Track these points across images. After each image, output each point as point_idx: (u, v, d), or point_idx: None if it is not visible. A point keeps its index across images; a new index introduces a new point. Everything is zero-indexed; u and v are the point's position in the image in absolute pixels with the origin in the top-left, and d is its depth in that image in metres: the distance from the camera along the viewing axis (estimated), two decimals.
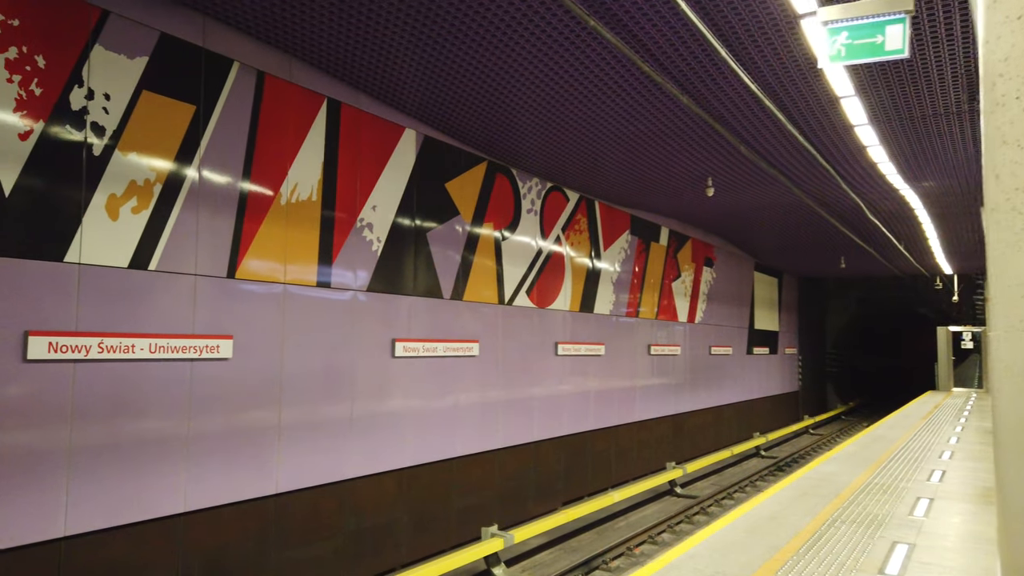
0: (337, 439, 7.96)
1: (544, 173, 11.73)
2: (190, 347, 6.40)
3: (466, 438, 10.01)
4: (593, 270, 13.42)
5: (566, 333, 12.49)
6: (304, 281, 7.61)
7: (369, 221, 8.47)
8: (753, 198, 13.93)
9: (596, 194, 13.41)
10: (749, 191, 13.26)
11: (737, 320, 21.10)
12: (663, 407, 16.14)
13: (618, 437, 14.15)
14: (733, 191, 13.28)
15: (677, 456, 16.72)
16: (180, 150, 6.46)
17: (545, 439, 11.84)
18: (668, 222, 16.73)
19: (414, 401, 9.08)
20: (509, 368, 10.97)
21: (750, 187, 12.91)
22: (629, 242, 14.86)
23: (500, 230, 10.87)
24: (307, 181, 7.70)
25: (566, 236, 12.61)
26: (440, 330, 9.57)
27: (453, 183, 9.92)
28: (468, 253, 10.14)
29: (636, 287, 15.08)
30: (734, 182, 12.48)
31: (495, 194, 10.80)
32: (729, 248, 20.62)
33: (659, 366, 16.02)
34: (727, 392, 20.08)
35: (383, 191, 8.70)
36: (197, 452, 6.50)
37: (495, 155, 10.68)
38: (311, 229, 7.71)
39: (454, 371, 9.81)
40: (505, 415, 10.85)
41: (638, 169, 11.60)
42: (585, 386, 13.04)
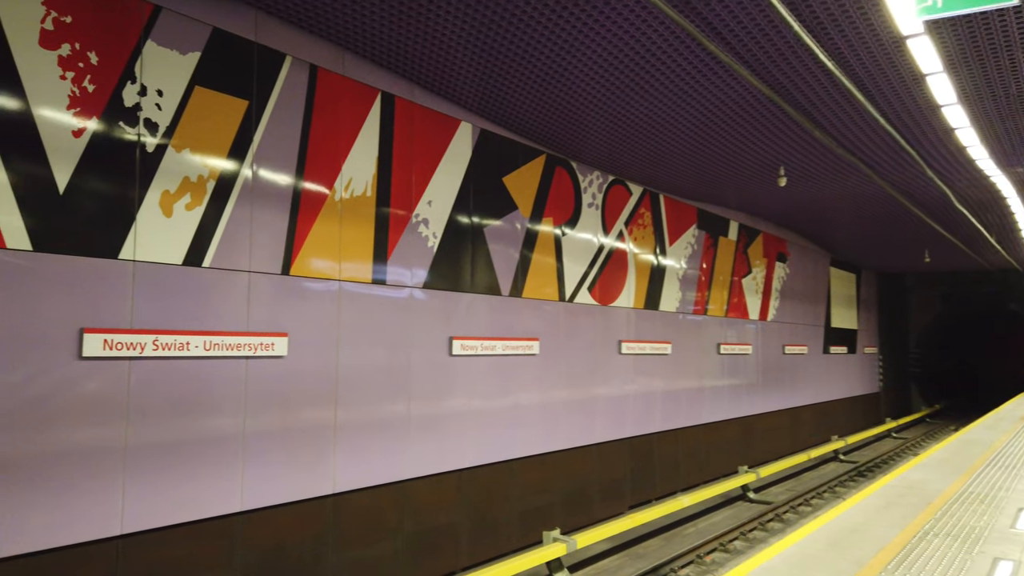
0: (395, 439, 7.80)
1: (606, 166, 11.36)
2: (245, 344, 6.34)
3: (527, 439, 9.74)
4: (658, 266, 12.96)
5: (630, 331, 12.08)
6: (359, 278, 7.48)
7: (424, 217, 8.29)
8: (829, 188, 13.19)
9: (661, 187, 12.95)
10: (824, 181, 12.55)
11: (812, 318, 20.17)
12: (734, 408, 15.50)
13: (686, 439, 13.63)
14: (807, 181, 12.60)
15: (749, 459, 16.04)
16: (233, 146, 6.41)
17: (609, 440, 11.46)
18: (737, 216, 16.08)
19: (473, 400, 8.86)
20: (571, 367, 10.64)
21: (825, 176, 12.22)
22: (696, 237, 14.31)
23: (560, 225, 10.56)
24: (361, 177, 7.57)
25: (629, 231, 12.20)
26: (499, 328, 9.33)
27: (511, 177, 9.67)
28: (527, 249, 9.87)
29: (704, 284, 14.51)
30: (808, 171, 11.82)
31: (554, 188, 10.49)
32: (802, 242, 19.72)
33: (729, 366, 15.39)
34: (802, 393, 19.20)
35: (438, 186, 8.52)
36: (253, 451, 6.43)
37: (554, 148, 10.38)
38: (366, 225, 7.58)
39: (514, 370, 9.55)
40: (567, 415, 10.53)
41: (705, 159, 11.10)
42: (651, 386, 12.59)
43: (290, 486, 6.73)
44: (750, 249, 16.63)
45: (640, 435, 12.27)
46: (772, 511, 12.43)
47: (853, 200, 14.28)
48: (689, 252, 14.03)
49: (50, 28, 5.21)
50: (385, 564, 7.65)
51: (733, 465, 15.24)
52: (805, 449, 18.52)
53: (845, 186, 12.92)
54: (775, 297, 17.86)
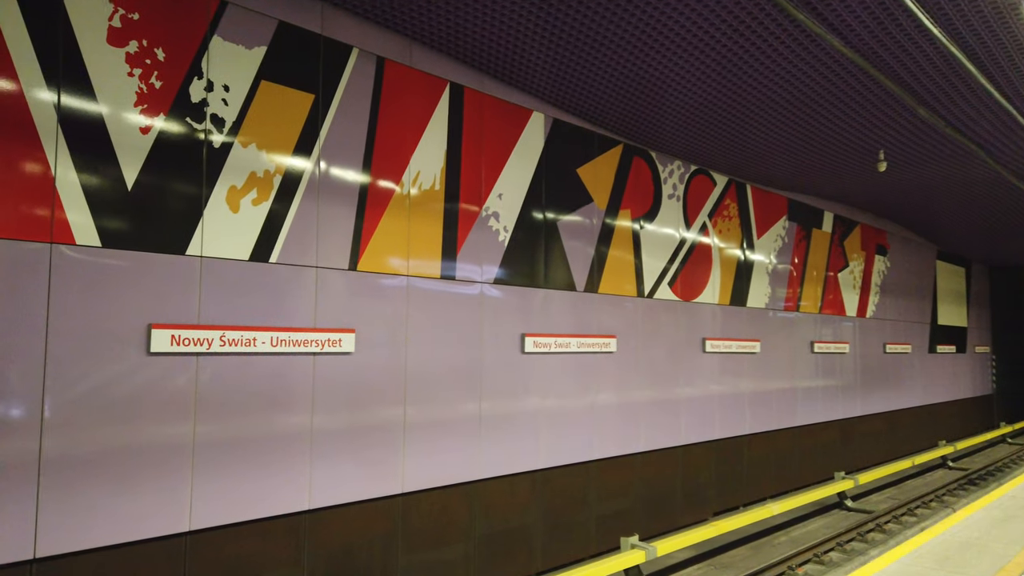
0: (465, 438, 7.60)
1: (687, 154, 10.82)
2: (312, 340, 6.26)
3: (604, 440, 9.36)
4: (745, 260, 12.29)
5: (715, 329, 11.48)
6: (427, 274, 7.31)
7: (495, 210, 8.06)
8: (934, 173, 12.17)
9: (747, 176, 12.27)
10: (929, 165, 11.57)
11: (917, 314, 18.81)
12: (830, 411, 14.58)
13: (777, 442, 12.89)
14: (909, 166, 11.65)
15: (846, 465, 15.07)
16: (299, 140, 6.34)
17: (693, 443, 10.92)
18: (832, 206, 15.12)
19: (547, 400, 8.56)
20: (651, 366, 10.18)
21: (930, 160, 11.25)
22: (786, 229, 13.52)
23: (638, 218, 10.11)
24: (429, 170, 7.40)
25: (713, 223, 11.60)
26: (573, 325, 9.00)
27: (585, 168, 9.31)
28: (603, 242, 9.48)
29: (796, 278, 13.70)
30: (910, 154, 10.91)
31: (632, 179, 10.06)
32: (905, 234, 18.41)
33: (824, 365, 14.49)
34: (905, 395, 17.93)
35: (509, 178, 8.26)
36: (321, 448, 6.35)
37: (631, 137, 9.94)
38: (434, 220, 7.41)
39: (590, 368, 9.19)
40: (647, 416, 10.08)
41: (796, 145, 10.41)
42: (738, 386, 11.95)
43: (358, 485, 6.62)
44: (846, 242, 15.62)
45: (728, 437, 11.65)
46: (872, 520, 11.57)
47: (962, 186, 13.15)
48: (779, 245, 13.26)
49: (117, 25, 5.24)
50: (456, 567, 7.46)
51: (829, 471, 14.35)
52: (908, 455, 17.31)
53: (952, 170, 11.88)
54: (875, 293, 16.73)
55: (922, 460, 15.57)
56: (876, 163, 10.22)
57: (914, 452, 18.03)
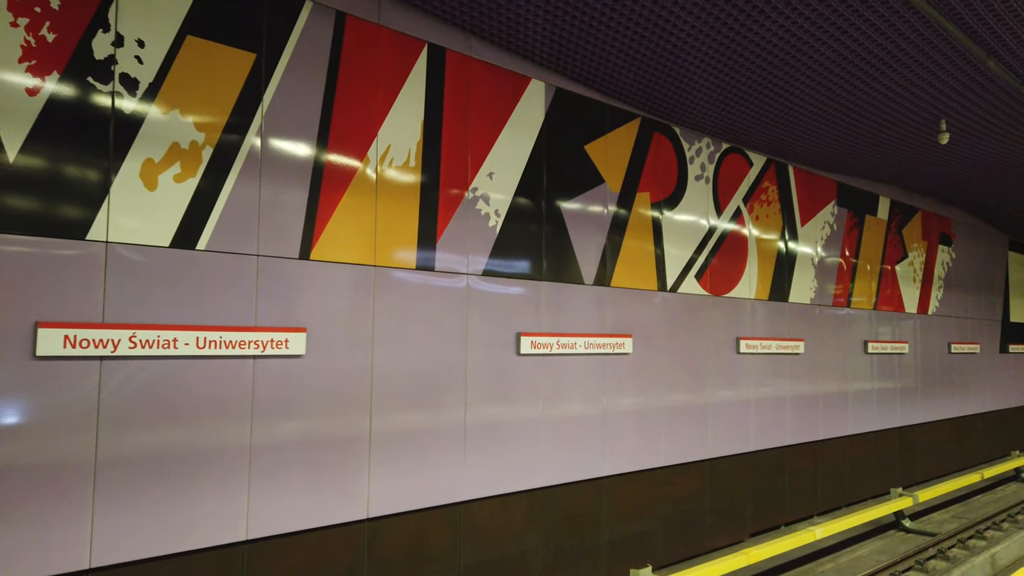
0: (447, 452, 6.59)
1: (718, 130, 9.59)
2: (251, 342, 5.33)
3: (619, 453, 8.23)
4: (786, 250, 10.97)
5: (751, 327, 10.22)
6: (400, 263, 6.32)
7: (484, 192, 7.02)
8: (1006, 147, 10.64)
9: (789, 156, 10.94)
10: (1002, 136, 10.07)
11: (986, 311, 17.05)
12: (886, 418, 13.11)
13: (825, 454, 11.53)
14: (977, 139, 10.17)
15: (905, 479, 13.56)
16: (237, 107, 5.41)
17: (725, 456, 9.70)
18: (888, 190, 13.61)
19: (548, 408, 7.49)
20: (674, 368, 9.01)
21: (1003, 129, 9.76)
22: (835, 215, 12.12)
23: (659, 202, 8.94)
24: (402, 144, 6.40)
25: (749, 208, 10.33)
26: (581, 323, 7.90)
27: (595, 145, 8.19)
28: (616, 229, 8.35)
29: (846, 271, 12.28)
30: (978, 123, 9.46)
31: (652, 158, 8.89)
32: (972, 222, 16.68)
33: (879, 367, 13.02)
34: (973, 399, 16.23)
35: (502, 155, 7.21)
36: (262, 468, 5.42)
37: (651, 110, 8.78)
38: (408, 201, 6.41)
39: (601, 372, 8.08)
40: (669, 426, 8.91)
41: (845, 116, 9.08)
42: (779, 391, 10.65)
43: (311, 510, 5.67)
44: (905, 230, 14.07)
45: (766, 449, 10.38)
46: (934, 545, 10.15)
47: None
48: (827, 234, 11.88)
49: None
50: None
51: (885, 485, 12.89)
52: (976, 466, 15.65)
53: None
54: (938, 287, 15.11)
55: (993, 473, 13.93)
56: (938, 134, 8.83)
57: (983, 463, 16.33)
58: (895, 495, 11.07)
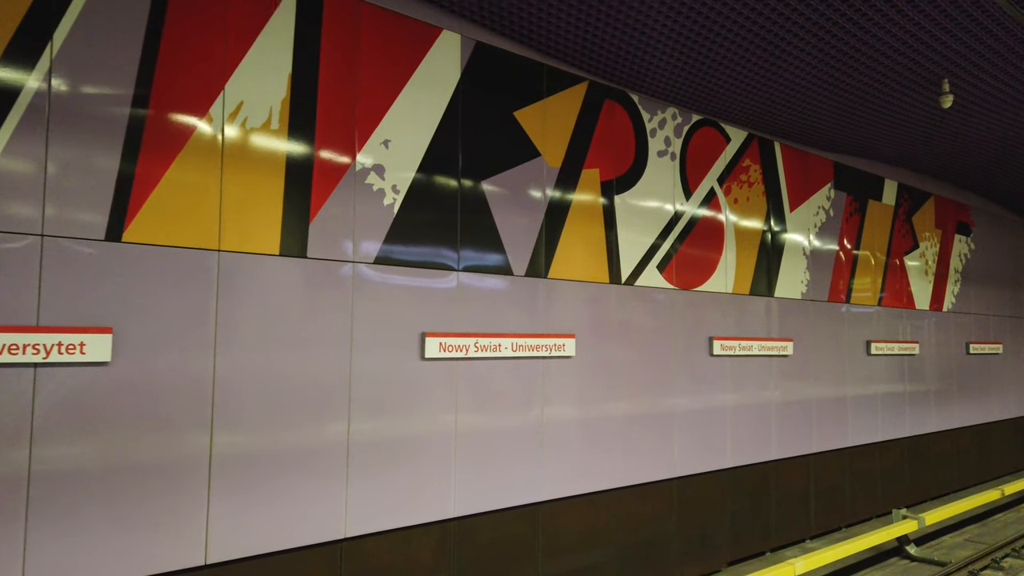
0: (325, 476, 5.41)
1: (686, 99, 8.30)
2: (27, 345, 4.19)
3: (559, 474, 7.00)
4: (772, 238, 9.64)
5: (727, 325, 8.91)
6: (256, 248, 5.15)
7: (377, 163, 5.83)
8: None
9: (775, 131, 9.61)
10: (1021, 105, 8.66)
11: (1010, 307, 15.50)
12: (893, 426, 11.70)
13: (820, 469, 10.18)
14: (998, 109, 8.76)
15: (916, 495, 12.13)
16: (13, 43, 4.28)
17: (696, 473, 8.41)
18: (895, 172, 12.19)
19: (465, 422, 6.29)
20: (631, 373, 7.75)
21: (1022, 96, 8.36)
22: (831, 200, 10.75)
23: (611, 180, 7.69)
24: (261, 101, 5.23)
25: (725, 190, 9.02)
26: (508, 321, 6.68)
27: (529, 112, 6.96)
28: (556, 211, 7.12)
29: (844, 263, 10.91)
30: (994, 86, 8.07)
31: (602, 129, 7.64)
32: (994, 209, 15.15)
33: (885, 370, 11.62)
34: (996, 405, 14.71)
35: (403, 120, 6.02)
36: (44, 501, 4.27)
37: (601, 73, 7.53)
38: (270, 172, 5.24)
39: (534, 378, 6.86)
40: (626, 440, 7.65)
41: (840, 82, 7.75)
42: (763, 398, 9.33)
43: (122, 558, 4.52)
44: (915, 217, 12.63)
45: (747, 465, 9.07)
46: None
47: None
48: (821, 220, 10.52)
49: None
50: None
51: (893, 502, 11.49)
52: (999, 480, 14.16)
53: None
54: (954, 281, 13.63)
55: (1016, 489, 12.44)
56: (940, 96, 7.46)
57: (1007, 475, 14.81)
58: (897, 518, 9.69)
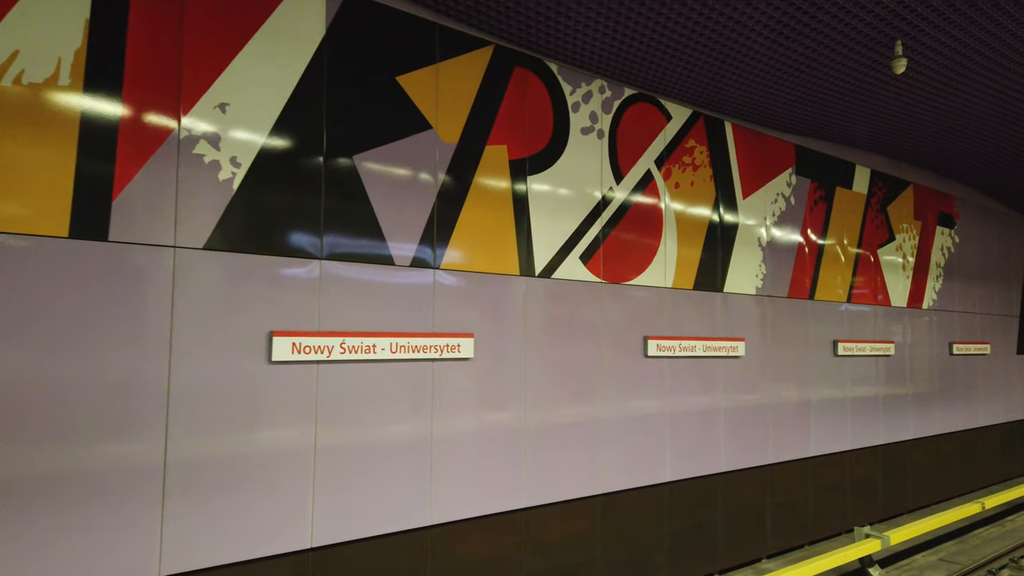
0: (131, 502, 4.55)
1: (617, 70, 7.41)
2: None
3: (453, 494, 6.12)
4: (721, 227, 8.73)
5: (664, 323, 8.01)
6: (37, 229, 4.29)
7: (210, 130, 4.96)
8: (1019, 97, 8.29)
9: (726, 109, 8.70)
10: (1009, 79, 7.73)
11: (999, 305, 14.54)
12: (864, 434, 10.77)
13: (778, 481, 9.27)
14: (983, 82, 7.83)
15: (891, 507, 11.20)
16: None
17: (627, 489, 7.52)
18: (867, 158, 11.26)
19: (329, 436, 5.42)
20: (544, 377, 6.86)
21: (1009, 69, 7.43)
22: (793, 186, 9.83)
23: (522, 159, 6.80)
24: (45, 50, 4.37)
25: (665, 174, 8.12)
26: (388, 318, 5.80)
27: (416, 78, 6.08)
28: (452, 193, 6.24)
29: (808, 255, 9.99)
30: (959, 52, 7.14)
31: (512, 101, 6.75)
32: (981, 200, 14.18)
33: (856, 372, 10.69)
34: (982, 409, 13.75)
35: (246, 81, 5.15)
36: None
37: (510, 37, 6.64)
38: (57, 134, 4.38)
39: (423, 384, 5.98)
40: (538, 453, 6.77)
41: (800, 51, 6.84)
42: (708, 403, 8.43)
43: None
44: (891, 207, 11.70)
45: (690, 478, 8.17)
46: None
47: None
48: (781, 208, 9.60)
49: None
50: None
51: (866, 516, 10.58)
52: (985, 489, 13.22)
53: None
54: (936, 277, 12.69)
55: (997, 502, 11.49)
56: (892, 62, 6.52)
57: (995, 485, 13.87)
58: (860, 535, 8.77)
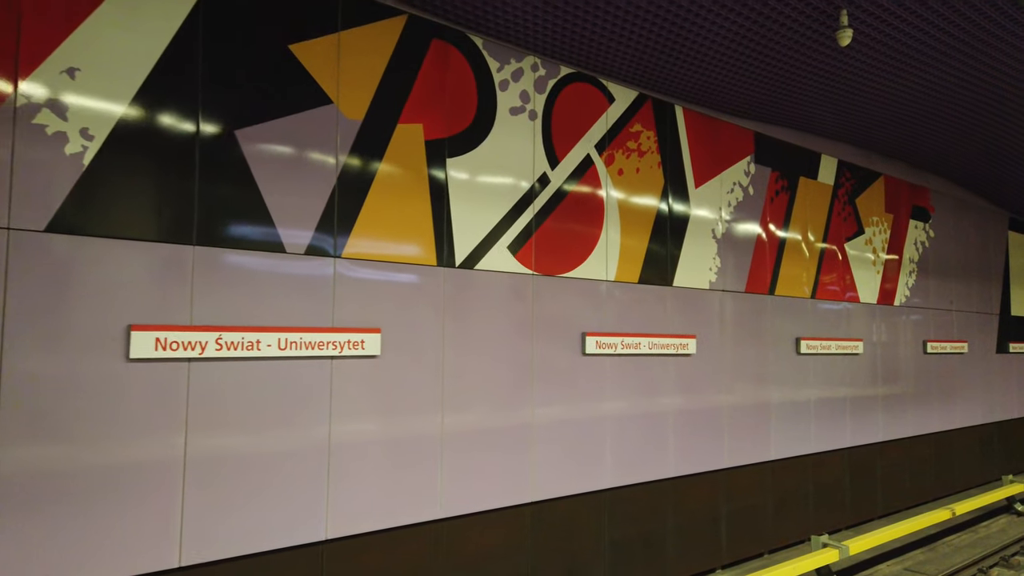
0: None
1: (551, 47, 6.88)
2: None
3: (352, 506, 5.59)
4: (671, 217, 8.21)
5: (605, 318, 7.49)
6: None
7: (54, 97, 4.41)
8: (1001, 84, 7.78)
9: (676, 91, 8.18)
10: (994, 61, 7.21)
11: (978, 302, 14.05)
12: (830, 436, 10.26)
13: (734, 486, 8.75)
14: (959, 69, 7.32)
15: (859, 513, 10.70)
16: None
17: (562, 496, 7.00)
18: (834, 147, 10.75)
19: (197, 443, 4.87)
20: (464, 376, 6.33)
21: (993, 52, 6.91)
22: (752, 175, 9.31)
23: (441, 139, 6.26)
24: None
25: (607, 159, 7.60)
26: (275, 311, 5.26)
27: (313, 47, 5.54)
28: (356, 174, 5.70)
29: (768, 247, 9.48)
30: (921, 28, 6.63)
31: (429, 76, 6.21)
32: (959, 194, 13.70)
33: (821, 371, 10.18)
34: (959, 410, 13.25)
35: (100, 44, 4.60)
36: None
37: (428, 7, 6.11)
38: None
39: (319, 385, 5.44)
40: (458, 459, 6.23)
41: (743, 29, 6.31)
42: (656, 404, 7.91)
43: None
44: (860, 200, 11.19)
45: (634, 484, 7.65)
46: None
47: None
48: (738, 198, 9.08)
49: None
50: None
51: (832, 522, 10.08)
52: (954, 496, 12.75)
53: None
54: (909, 272, 12.19)
55: (972, 506, 11.00)
56: (838, 32, 6.00)
57: (974, 489, 13.39)
58: (817, 545, 8.26)
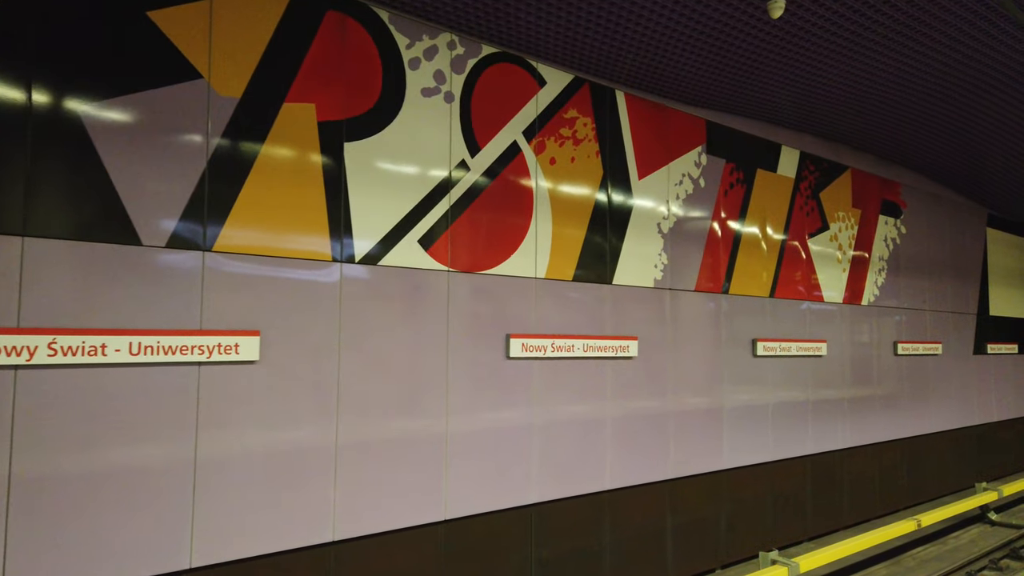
0: None
1: (470, 23, 6.29)
2: None
3: (226, 530, 5.00)
4: (610, 210, 7.64)
5: (534, 319, 6.91)
6: None
7: None
8: (980, 72, 7.23)
9: (617, 75, 7.60)
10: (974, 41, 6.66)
11: (952, 301, 13.52)
12: (789, 443, 9.71)
13: (681, 498, 8.19)
14: (933, 50, 6.76)
15: (821, 523, 10.14)
16: None
17: (480, 513, 6.42)
18: (796, 138, 10.19)
19: (23, 465, 4.28)
20: (364, 383, 5.74)
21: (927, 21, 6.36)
22: (703, 167, 8.74)
23: (338, 121, 5.68)
24: None
25: (537, 147, 7.02)
26: (128, 312, 4.67)
27: (177, 14, 4.94)
28: (232, 156, 5.10)
29: (721, 242, 8.91)
30: (875, 7, 6.07)
31: (323, 51, 5.63)
32: (933, 188, 13.16)
33: (780, 375, 9.63)
34: (932, 414, 12.72)
35: None
36: None
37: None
38: None
39: (182, 394, 4.85)
40: (358, 472, 5.65)
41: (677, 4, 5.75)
42: (591, 411, 7.34)
43: None
44: (825, 194, 10.64)
45: (566, 499, 7.08)
46: None
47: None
48: (687, 191, 8.51)
49: None
50: None
51: (791, 534, 9.53)
52: (927, 504, 12.23)
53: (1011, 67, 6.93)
54: (878, 270, 11.65)
55: (944, 515, 10.44)
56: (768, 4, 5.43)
57: (947, 496, 12.87)
58: (766, 562, 7.70)
